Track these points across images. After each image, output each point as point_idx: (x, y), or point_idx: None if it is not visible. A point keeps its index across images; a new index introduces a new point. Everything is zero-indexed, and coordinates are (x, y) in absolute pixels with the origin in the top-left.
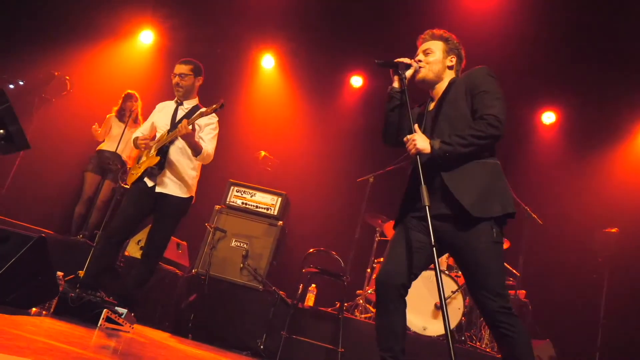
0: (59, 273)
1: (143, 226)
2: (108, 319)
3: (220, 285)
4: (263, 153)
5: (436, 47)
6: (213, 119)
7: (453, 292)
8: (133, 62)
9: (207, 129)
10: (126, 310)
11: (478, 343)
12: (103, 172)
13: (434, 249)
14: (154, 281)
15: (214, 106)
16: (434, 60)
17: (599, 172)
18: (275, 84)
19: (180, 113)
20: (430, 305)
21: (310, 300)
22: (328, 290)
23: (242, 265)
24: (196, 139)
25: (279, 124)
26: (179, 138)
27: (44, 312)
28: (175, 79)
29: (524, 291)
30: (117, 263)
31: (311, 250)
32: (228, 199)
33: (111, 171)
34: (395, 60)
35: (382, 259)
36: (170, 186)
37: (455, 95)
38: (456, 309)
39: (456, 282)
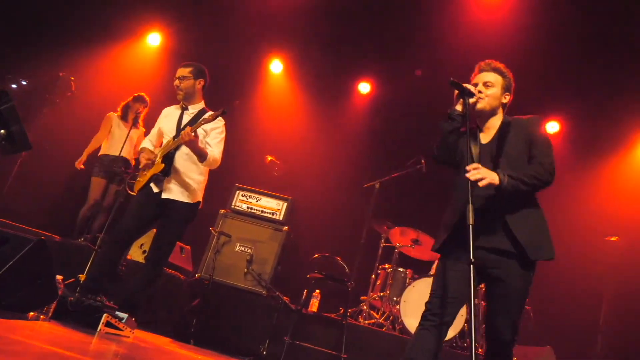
0: (58, 277)
1: (147, 230)
2: (108, 324)
3: (223, 290)
4: (270, 157)
5: (496, 82)
6: (219, 122)
7: None
8: (140, 65)
9: (214, 134)
10: (127, 315)
11: (480, 350)
12: (108, 176)
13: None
14: (156, 286)
15: (216, 113)
16: (492, 94)
17: (600, 181)
18: (283, 89)
19: (186, 118)
20: None
21: (314, 305)
22: (332, 295)
23: (246, 270)
24: (202, 144)
25: (286, 128)
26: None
27: (42, 316)
28: (175, 82)
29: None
30: (119, 267)
31: (316, 255)
32: (233, 203)
33: (116, 175)
34: (464, 85)
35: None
36: (175, 192)
37: (516, 137)
38: (459, 315)
39: None
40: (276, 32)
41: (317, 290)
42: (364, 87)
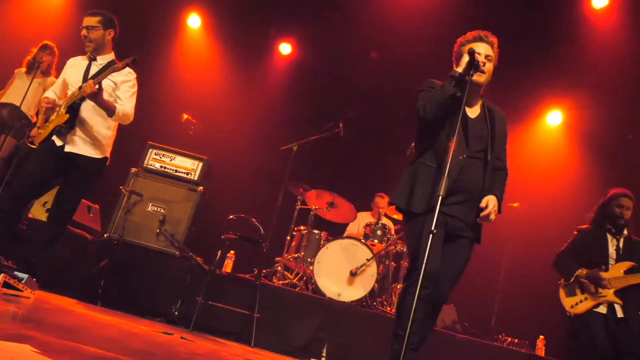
0: None
1: (50, 187)
2: (5, 284)
3: (134, 250)
4: (185, 116)
5: (493, 57)
6: (130, 75)
7: (368, 260)
8: (46, 14)
9: (124, 87)
10: (27, 276)
11: (388, 308)
12: (4, 128)
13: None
14: (61, 245)
15: (125, 61)
16: (489, 70)
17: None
18: (201, 45)
19: (94, 69)
20: (346, 272)
21: (228, 266)
22: (247, 256)
23: (158, 230)
24: (112, 97)
25: (203, 86)
26: None
27: None
28: (83, 32)
29: None
30: (20, 225)
31: (231, 216)
32: (146, 162)
33: (13, 127)
34: (477, 57)
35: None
36: (81, 146)
37: (499, 126)
38: (370, 275)
39: (371, 250)
40: None
41: (232, 251)
42: (285, 48)
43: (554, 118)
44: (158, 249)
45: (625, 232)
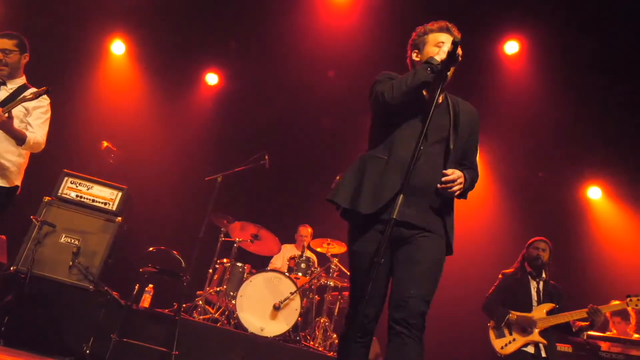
0: None
1: None
2: None
3: (44, 284)
4: (106, 143)
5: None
6: (44, 101)
7: (292, 294)
8: None
9: (37, 113)
10: None
11: (312, 342)
12: None
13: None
14: None
15: (38, 91)
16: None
17: None
18: (125, 72)
19: (3, 94)
20: (269, 306)
21: (146, 301)
22: (167, 291)
23: (71, 263)
24: (23, 124)
25: (126, 114)
26: None
27: None
28: None
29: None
30: None
31: (151, 248)
32: (60, 191)
33: None
34: (459, 52)
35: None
36: None
37: (466, 121)
38: (294, 309)
39: (295, 283)
40: (120, 10)
41: (150, 285)
42: (212, 78)
43: None
44: (70, 283)
45: (544, 275)
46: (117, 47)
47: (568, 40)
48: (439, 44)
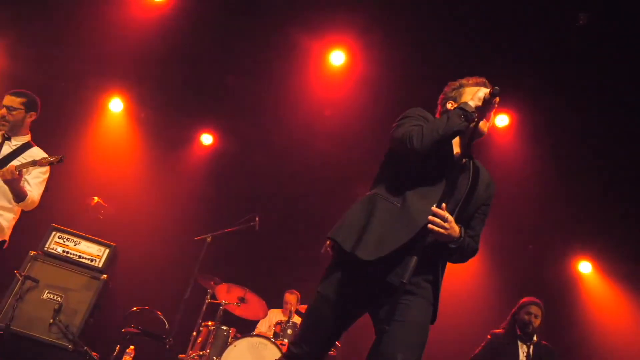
0: None
1: None
2: None
3: (22, 342)
4: (96, 199)
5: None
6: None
7: None
8: None
9: (36, 172)
10: None
11: None
12: None
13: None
14: None
15: (51, 159)
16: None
17: None
18: (120, 129)
19: (6, 149)
20: None
21: None
22: (149, 353)
23: (52, 320)
24: (22, 182)
25: (119, 171)
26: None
27: None
28: (2, 111)
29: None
30: None
31: (135, 308)
32: (47, 245)
33: None
34: (496, 100)
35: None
36: None
37: (485, 185)
38: None
39: (280, 350)
40: (120, 70)
41: (132, 347)
42: (207, 139)
43: None
44: (49, 342)
45: (535, 338)
46: (115, 105)
47: (558, 114)
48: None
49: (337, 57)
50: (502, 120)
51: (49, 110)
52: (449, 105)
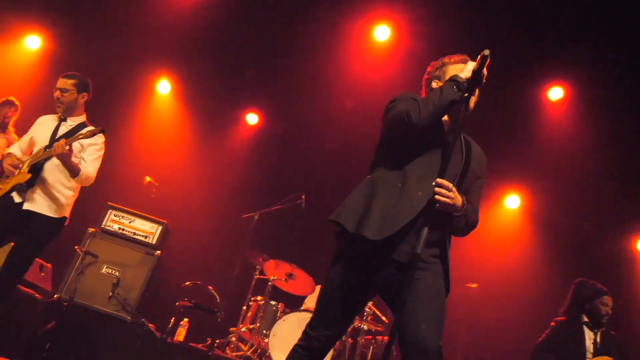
0: None
1: (3, 244)
2: None
3: (84, 313)
4: (148, 179)
5: None
6: (98, 139)
7: None
8: (15, 67)
9: (91, 149)
10: None
11: None
12: None
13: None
14: (7, 304)
15: (94, 130)
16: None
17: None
18: (169, 110)
19: (63, 130)
20: None
21: (180, 335)
22: (201, 325)
23: (111, 293)
24: (77, 159)
25: (168, 151)
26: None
27: None
28: (56, 94)
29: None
30: None
31: (187, 283)
32: (104, 223)
33: None
34: (484, 72)
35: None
36: (41, 204)
37: (478, 158)
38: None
39: None
40: (168, 53)
41: (185, 319)
42: (252, 118)
43: (512, 202)
44: (109, 313)
45: (603, 326)
46: (163, 86)
47: (614, 87)
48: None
49: (382, 33)
50: (555, 93)
51: (102, 94)
52: (434, 84)
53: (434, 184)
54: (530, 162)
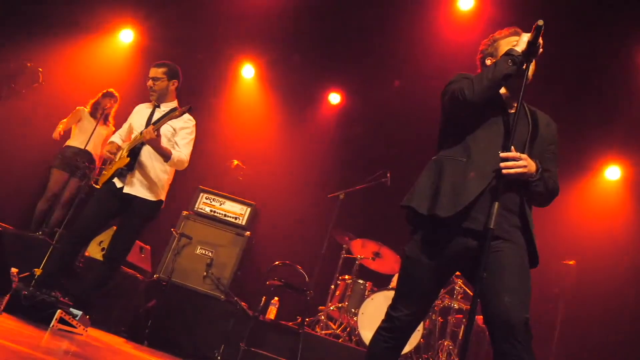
0: (14, 270)
1: (107, 227)
2: (61, 320)
3: (181, 292)
4: (236, 162)
5: None
6: (189, 122)
7: None
8: (111, 60)
9: (183, 133)
10: (81, 312)
11: None
12: (70, 169)
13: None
14: (113, 284)
15: (182, 109)
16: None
17: (559, 205)
18: (254, 94)
19: (157, 115)
20: None
21: (272, 313)
22: (291, 304)
23: (205, 273)
24: (170, 143)
25: (254, 134)
26: None
27: None
28: (149, 83)
29: (481, 317)
30: (77, 263)
31: (276, 262)
32: (196, 206)
33: (78, 169)
34: (540, 41)
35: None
36: (138, 188)
37: (546, 124)
38: (416, 330)
39: None
40: (250, 38)
41: (276, 298)
42: (334, 98)
43: (612, 173)
44: (204, 292)
45: None
46: (247, 71)
47: None
48: (513, 43)
49: (466, 1)
50: None
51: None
52: (487, 62)
53: (500, 155)
54: (632, 131)
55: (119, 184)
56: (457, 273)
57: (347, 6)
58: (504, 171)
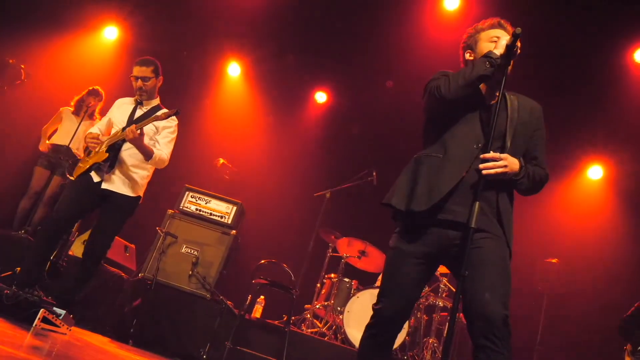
0: None
1: (90, 225)
2: (44, 320)
3: (166, 291)
4: (222, 160)
5: None
6: (172, 122)
7: None
8: (95, 57)
9: (165, 132)
10: (64, 312)
11: None
12: (53, 167)
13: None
14: (97, 283)
15: (169, 112)
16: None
17: (542, 204)
18: (240, 93)
19: (139, 113)
20: None
21: (257, 311)
22: (277, 302)
23: (190, 272)
24: (152, 141)
25: (240, 132)
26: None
27: None
28: (138, 83)
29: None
30: (60, 262)
31: (262, 261)
32: (182, 204)
33: (61, 166)
34: (518, 44)
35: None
36: (117, 184)
37: (528, 110)
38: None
39: None
40: (236, 35)
41: (262, 297)
42: (321, 97)
43: (594, 172)
44: (190, 291)
45: None
46: (233, 69)
47: None
48: (493, 38)
49: (451, 1)
50: None
51: (174, 79)
52: (467, 55)
53: (480, 157)
54: (614, 130)
55: (96, 179)
56: (442, 271)
57: (333, 5)
58: (483, 172)
